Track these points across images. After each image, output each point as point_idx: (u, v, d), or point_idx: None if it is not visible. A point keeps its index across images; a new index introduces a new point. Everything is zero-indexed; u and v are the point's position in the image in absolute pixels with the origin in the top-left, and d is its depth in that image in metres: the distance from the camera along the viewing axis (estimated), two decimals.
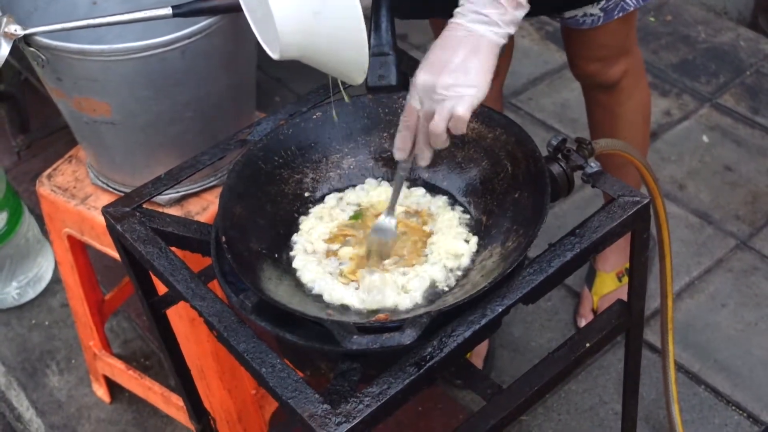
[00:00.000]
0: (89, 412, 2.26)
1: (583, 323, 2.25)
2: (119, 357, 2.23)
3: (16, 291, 2.49)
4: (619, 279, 2.24)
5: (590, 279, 2.28)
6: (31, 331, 2.45)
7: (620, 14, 1.78)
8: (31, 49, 1.54)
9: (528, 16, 1.94)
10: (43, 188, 1.85)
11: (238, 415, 1.93)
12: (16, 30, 1.53)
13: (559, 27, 1.94)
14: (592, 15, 1.78)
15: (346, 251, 1.35)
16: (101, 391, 2.27)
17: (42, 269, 2.53)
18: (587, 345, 1.39)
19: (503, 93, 2.86)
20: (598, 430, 2.07)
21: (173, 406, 2.05)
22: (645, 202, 1.30)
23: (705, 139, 2.72)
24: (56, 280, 2.51)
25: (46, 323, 2.47)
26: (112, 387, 2.25)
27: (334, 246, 1.36)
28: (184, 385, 1.65)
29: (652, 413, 2.07)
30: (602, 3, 1.76)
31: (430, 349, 1.16)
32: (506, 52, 2.02)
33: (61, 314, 2.47)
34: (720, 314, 2.27)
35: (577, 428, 2.08)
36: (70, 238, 1.92)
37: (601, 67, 1.93)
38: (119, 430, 2.22)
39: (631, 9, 1.79)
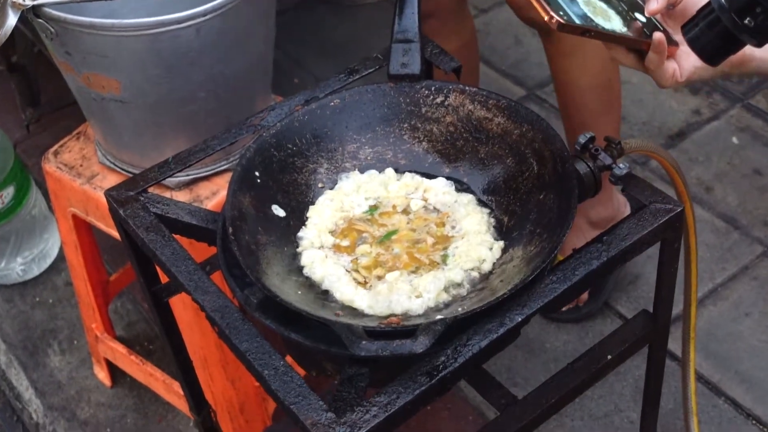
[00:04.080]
0: (89, 395, 2.21)
1: None
2: (122, 340, 2.18)
3: (20, 267, 2.43)
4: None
5: None
6: (34, 309, 2.40)
7: None
8: (40, 20, 1.49)
9: None
10: (49, 165, 1.79)
11: (240, 407, 1.87)
12: (24, 0, 1.47)
13: None
14: None
15: (363, 249, 1.27)
16: (102, 375, 2.21)
17: (48, 246, 2.47)
18: (608, 357, 1.32)
19: (528, 85, 2.80)
20: None
21: (174, 393, 1.99)
22: (678, 210, 1.22)
23: (735, 140, 2.63)
24: (62, 257, 2.45)
25: (50, 301, 2.41)
26: (114, 370, 2.20)
27: (345, 242, 1.29)
28: (185, 375, 1.59)
29: (669, 424, 2.00)
30: None
31: (443, 359, 1.09)
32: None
33: (65, 293, 2.42)
34: (743, 323, 2.19)
35: None
36: (75, 217, 1.86)
37: None
38: (119, 414, 2.16)
39: None
